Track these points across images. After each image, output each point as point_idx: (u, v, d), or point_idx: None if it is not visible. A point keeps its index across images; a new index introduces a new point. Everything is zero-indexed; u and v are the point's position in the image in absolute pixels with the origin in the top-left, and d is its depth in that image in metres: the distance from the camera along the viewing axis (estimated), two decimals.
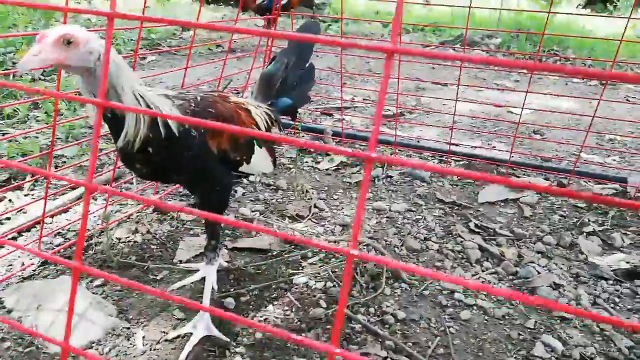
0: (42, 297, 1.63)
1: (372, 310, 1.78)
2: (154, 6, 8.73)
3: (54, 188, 2.44)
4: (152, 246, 2.09)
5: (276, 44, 3.29)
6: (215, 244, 1.70)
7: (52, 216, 2.20)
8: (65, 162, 2.79)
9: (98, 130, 0.69)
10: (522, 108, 2.88)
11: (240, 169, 1.70)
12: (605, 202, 0.49)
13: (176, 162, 1.48)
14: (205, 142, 1.51)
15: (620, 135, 3.69)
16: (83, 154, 2.83)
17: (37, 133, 3.12)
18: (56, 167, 2.70)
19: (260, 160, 1.75)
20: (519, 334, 1.71)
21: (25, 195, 2.39)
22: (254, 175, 2.43)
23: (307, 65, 2.10)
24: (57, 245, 2.02)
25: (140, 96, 1.35)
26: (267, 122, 1.83)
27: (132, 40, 5.96)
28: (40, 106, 3.58)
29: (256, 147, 1.71)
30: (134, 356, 1.52)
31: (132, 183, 2.58)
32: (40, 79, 4.31)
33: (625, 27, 2.62)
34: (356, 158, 3.13)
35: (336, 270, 1.99)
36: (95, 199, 2.39)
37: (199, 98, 1.56)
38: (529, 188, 0.51)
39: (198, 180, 1.60)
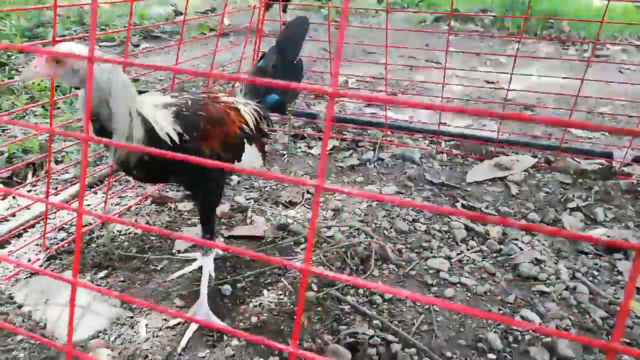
0: (49, 292, 1.73)
1: (360, 291, 1.88)
2: None
3: (55, 183, 2.53)
4: (152, 237, 2.19)
5: (271, 28, 3.33)
6: (210, 236, 1.80)
7: (54, 212, 2.29)
8: (64, 155, 2.87)
9: (85, 165, 0.76)
10: (509, 87, 2.93)
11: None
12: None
13: (173, 166, 1.56)
14: (198, 146, 1.60)
15: (609, 114, 3.74)
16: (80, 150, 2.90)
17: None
18: (56, 162, 2.79)
19: (250, 157, 1.84)
20: (500, 309, 1.82)
21: (29, 192, 2.48)
22: None
23: (295, 61, 2.13)
24: (61, 240, 2.12)
25: (137, 113, 1.45)
26: (255, 119, 1.91)
27: (125, 26, 5.97)
28: (37, 100, 3.65)
29: (246, 145, 1.80)
30: (138, 343, 1.63)
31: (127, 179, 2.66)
32: None
33: (608, 3, 2.64)
34: (348, 142, 3.21)
35: (327, 254, 2.08)
36: (96, 193, 2.48)
37: (189, 102, 1.64)
38: (493, 222, 0.59)
39: (196, 181, 1.69)
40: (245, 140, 1.79)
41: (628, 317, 1.80)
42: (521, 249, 2.15)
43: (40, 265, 1.96)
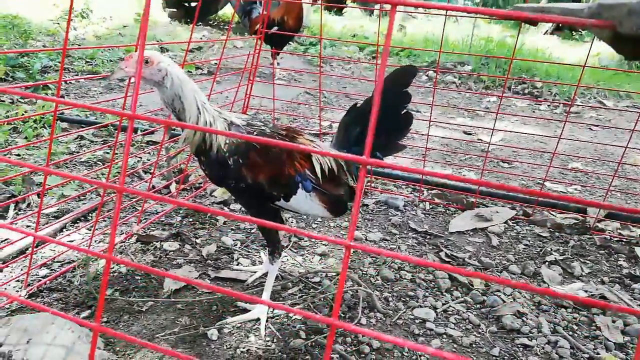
0: (32, 331, 1.68)
1: (348, 340, 1.88)
2: (132, 25, 8.78)
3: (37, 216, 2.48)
4: (137, 277, 2.16)
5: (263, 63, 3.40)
6: (272, 249, 1.94)
7: (37, 246, 2.24)
8: (47, 191, 2.83)
9: (129, 138, 0.78)
10: (490, 142, 3.06)
11: (277, 203, 1.84)
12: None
13: (217, 177, 1.79)
14: (239, 170, 1.72)
15: (581, 170, 3.91)
16: (65, 184, 2.87)
17: (16, 159, 3.15)
18: (38, 195, 2.74)
19: (303, 202, 1.83)
20: None
21: (10, 224, 2.42)
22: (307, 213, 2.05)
23: (398, 111, 1.93)
24: (43, 277, 2.07)
25: (204, 108, 1.70)
26: (331, 170, 1.88)
27: (111, 61, 6.01)
28: (20, 131, 3.61)
29: (300, 190, 1.80)
30: None
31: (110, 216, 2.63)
32: (19, 101, 4.32)
33: (588, 55, 2.77)
34: None
35: (315, 300, 2.09)
36: (80, 229, 2.44)
37: (256, 132, 1.77)
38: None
39: (236, 196, 1.92)
40: (301, 185, 1.80)
41: None
42: (503, 301, 2.20)
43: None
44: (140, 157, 3.43)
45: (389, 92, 1.86)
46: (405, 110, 1.93)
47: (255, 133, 1.77)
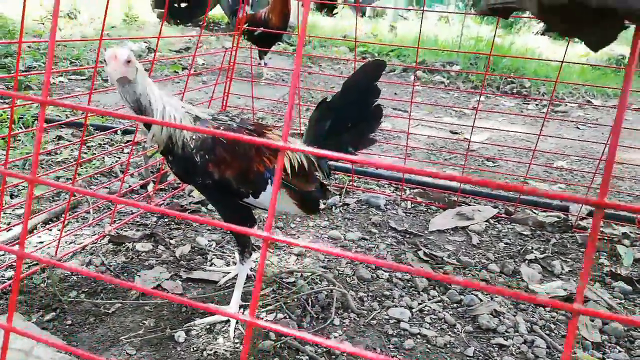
0: None
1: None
2: (120, 26, 8.72)
3: (9, 218, 2.43)
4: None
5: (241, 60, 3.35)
6: (242, 249, 1.91)
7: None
8: (21, 190, 2.77)
9: (42, 126, 0.73)
10: (470, 139, 3.02)
11: (246, 200, 1.80)
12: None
13: (187, 167, 1.72)
14: (206, 166, 1.68)
15: (566, 169, 3.88)
16: (37, 185, 2.81)
17: None
18: (11, 196, 2.69)
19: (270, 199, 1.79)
20: None
21: None
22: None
23: (367, 104, 1.89)
24: (8, 279, 2.02)
25: (168, 103, 1.67)
26: (302, 166, 1.85)
27: (93, 61, 5.95)
28: None
29: (269, 187, 1.76)
30: None
31: (89, 212, 2.58)
32: None
33: (566, 49, 2.75)
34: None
35: (288, 300, 2.04)
36: (50, 230, 2.39)
37: (222, 128, 1.73)
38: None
39: (205, 194, 1.87)
40: (269, 181, 1.76)
41: None
42: (481, 300, 2.16)
43: None
44: (119, 157, 3.38)
45: (358, 86, 1.83)
46: (375, 104, 1.89)
47: (221, 128, 1.73)
